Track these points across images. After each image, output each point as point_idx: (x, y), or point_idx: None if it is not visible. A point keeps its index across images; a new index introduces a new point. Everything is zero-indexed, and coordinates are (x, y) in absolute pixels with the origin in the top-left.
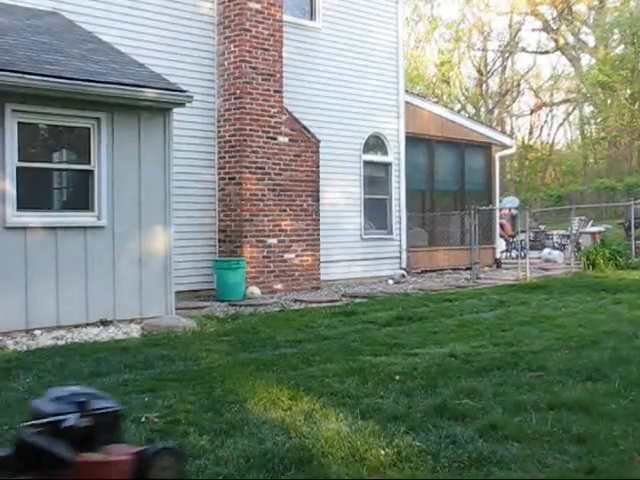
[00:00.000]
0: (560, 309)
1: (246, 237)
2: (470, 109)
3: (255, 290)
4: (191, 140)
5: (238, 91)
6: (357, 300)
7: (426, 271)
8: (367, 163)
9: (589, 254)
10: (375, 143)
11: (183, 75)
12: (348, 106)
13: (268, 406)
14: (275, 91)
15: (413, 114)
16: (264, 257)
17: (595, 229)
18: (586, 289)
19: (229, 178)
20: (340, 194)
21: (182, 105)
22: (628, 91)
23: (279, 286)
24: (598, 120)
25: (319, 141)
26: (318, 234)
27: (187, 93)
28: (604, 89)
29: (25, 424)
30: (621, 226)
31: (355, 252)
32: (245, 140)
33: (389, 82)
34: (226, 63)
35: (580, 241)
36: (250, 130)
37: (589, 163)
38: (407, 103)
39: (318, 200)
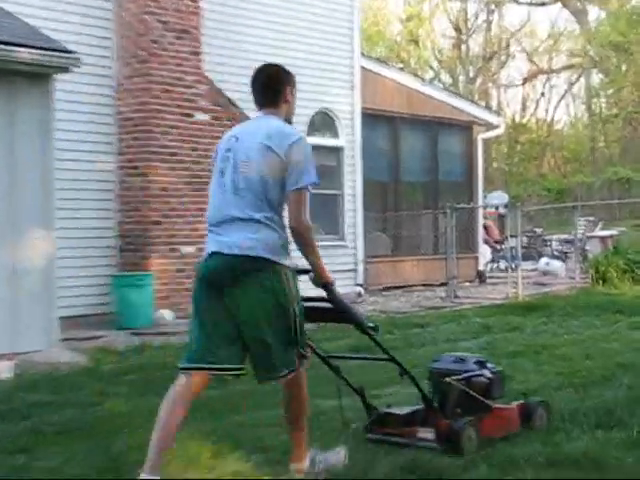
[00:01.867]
0: (562, 336)
1: (154, 245)
2: (446, 78)
3: (167, 314)
4: (81, 117)
5: (142, 53)
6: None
7: (389, 288)
8: (312, 148)
9: (599, 265)
10: (322, 122)
11: (69, 30)
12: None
13: (184, 467)
14: (192, 53)
15: (372, 84)
16: (178, 271)
17: (606, 233)
18: (595, 310)
19: (132, 167)
20: None
21: (67, 70)
22: None
23: None
24: (610, 92)
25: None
26: None
27: (74, 54)
28: (617, 52)
29: (451, 379)
30: (639, 228)
31: (297, 263)
32: (152, 117)
33: (340, 42)
34: (126, 15)
35: (587, 248)
36: (159, 104)
37: (598, 147)
38: (364, 70)
39: None
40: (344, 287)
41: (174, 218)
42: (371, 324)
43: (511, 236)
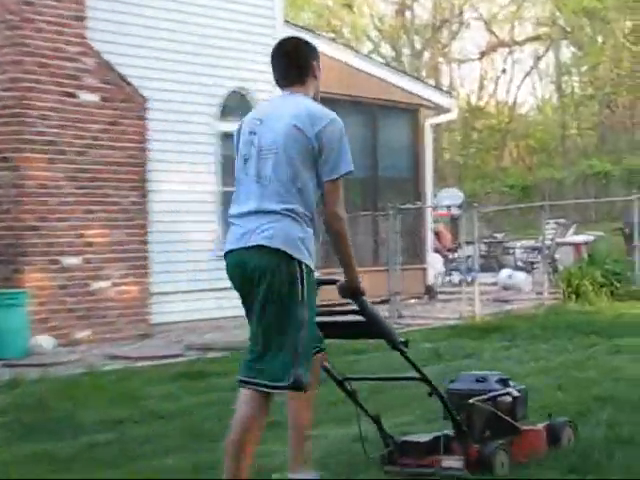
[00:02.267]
0: (528, 363)
1: (29, 255)
2: (387, 51)
3: (45, 340)
4: None
5: (12, 17)
6: (211, 354)
7: (320, 306)
8: (226, 136)
9: (571, 277)
10: (239, 104)
11: None
12: (195, 45)
13: None
14: (74, 18)
15: None
16: (60, 287)
17: (580, 238)
18: (567, 332)
19: (1, 159)
20: (183, 185)
21: None
22: (628, 23)
23: (85, 333)
24: (583, 68)
25: (147, 100)
26: (147, 250)
27: None
28: (592, 20)
29: (474, 400)
30: (619, 233)
31: (207, 278)
32: (26, 97)
33: (258, 7)
34: None
35: (557, 257)
36: (34, 81)
37: (570, 135)
38: None
39: (146, 195)
40: None
41: (54, 222)
42: (402, 339)
43: (466, 243)
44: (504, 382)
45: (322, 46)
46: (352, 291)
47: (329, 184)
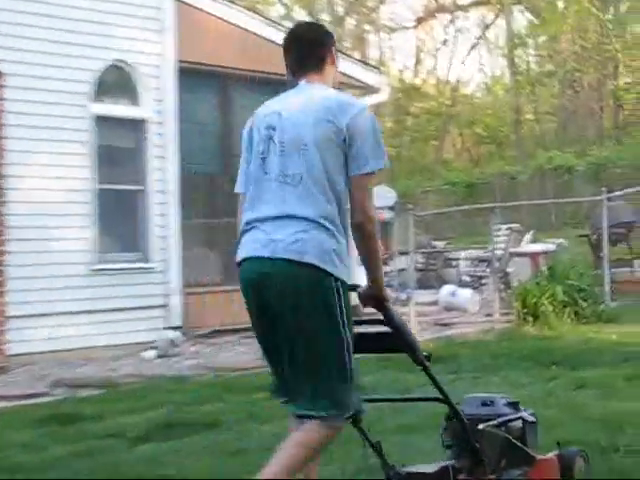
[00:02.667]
0: None
1: None
2: (301, 16)
3: None
4: None
5: None
6: (83, 393)
7: (220, 332)
8: (101, 120)
9: (527, 295)
10: (116, 81)
11: None
12: (62, 7)
13: None
14: None
15: (191, 25)
16: None
17: (538, 247)
18: (523, 361)
19: None
20: (48, 182)
21: None
22: None
23: None
24: (541, 40)
25: (1, 75)
26: (3, 263)
27: None
28: None
29: (486, 424)
30: (585, 241)
31: (79, 297)
32: None
33: None
34: None
35: (510, 270)
36: None
37: (525, 121)
38: (179, 3)
39: (1, 194)
40: (150, 332)
41: None
42: (425, 353)
43: (400, 253)
44: (514, 405)
45: (223, 11)
46: (377, 298)
47: (360, 179)
